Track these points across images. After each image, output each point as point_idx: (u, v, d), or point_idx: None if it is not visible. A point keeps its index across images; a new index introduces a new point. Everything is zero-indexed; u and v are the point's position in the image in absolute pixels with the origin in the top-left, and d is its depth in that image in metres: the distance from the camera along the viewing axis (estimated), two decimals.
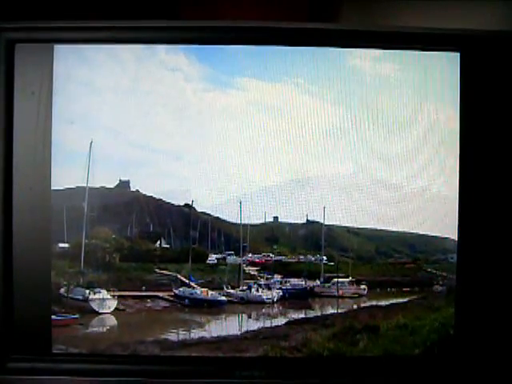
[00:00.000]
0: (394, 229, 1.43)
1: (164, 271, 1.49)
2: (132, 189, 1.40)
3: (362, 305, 1.50)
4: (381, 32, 1.33)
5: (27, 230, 1.30)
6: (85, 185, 1.38)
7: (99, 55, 1.34)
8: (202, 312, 1.49)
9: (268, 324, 1.48)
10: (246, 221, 1.47)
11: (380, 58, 1.36)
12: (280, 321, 1.49)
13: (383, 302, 1.51)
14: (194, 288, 1.50)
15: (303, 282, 1.54)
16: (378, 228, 1.43)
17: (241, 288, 1.52)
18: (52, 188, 1.31)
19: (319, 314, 1.52)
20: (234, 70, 1.36)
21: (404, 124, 1.37)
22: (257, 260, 1.54)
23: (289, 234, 1.51)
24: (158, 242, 1.48)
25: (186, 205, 1.45)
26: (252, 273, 1.54)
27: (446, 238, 1.38)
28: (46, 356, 1.31)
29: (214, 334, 1.43)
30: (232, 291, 1.51)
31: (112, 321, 1.43)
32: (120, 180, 1.39)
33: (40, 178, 1.30)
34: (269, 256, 1.54)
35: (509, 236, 1.30)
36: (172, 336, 1.43)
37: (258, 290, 1.53)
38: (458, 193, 1.32)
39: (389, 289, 1.53)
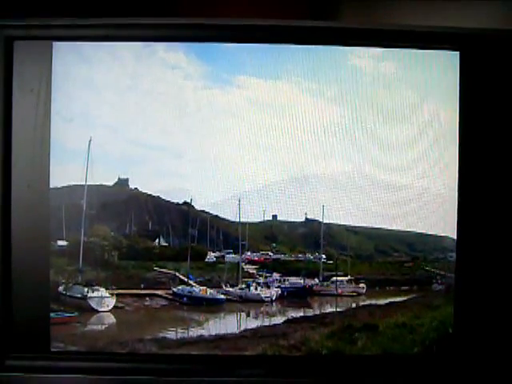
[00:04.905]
0: (393, 227, 1.43)
1: (163, 269, 1.49)
2: (131, 187, 1.40)
3: (361, 303, 1.50)
4: (380, 30, 1.33)
5: (25, 228, 1.30)
6: (83, 183, 1.38)
7: (98, 53, 1.33)
8: (201, 310, 1.49)
9: (267, 322, 1.48)
10: (244, 219, 1.47)
11: (380, 56, 1.36)
12: (279, 319, 1.49)
13: (382, 301, 1.51)
14: (192, 286, 1.50)
15: (302, 281, 1.54)
16: (377, 226, 1.43)
17: (239, 286, 1.52)
18: (50, 186, 1.31)
19: (318, 312, 1.52)
20: (233, 68, 1.36)
21: (403, 123, 1.37)
22: (255, 258, 1.54)
23: (288, 232, 1.51)
24: (157, 240, 1.48)
25: (185, 203, 1.45)
26: (251, 271, 1.54)
27: (445, 236, 1.38)
28: (45, 354, 1.31)
29: (213, 333, 1.43)
30: (231, 289, 1.51)
31: (110, 319, 1.43)
32: (119, 178, 1.39)
33: (38, 176, 1.30)
34: (267, 254, 1.54)
35: (507, 235, 1.30)
36: (170, 334, 1.43)
37: (256, 289, 1.53)
38: (457, 191, 1.32)
39: (387, 287, 1.53)
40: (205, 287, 1.50)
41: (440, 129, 1.35)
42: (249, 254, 1.53)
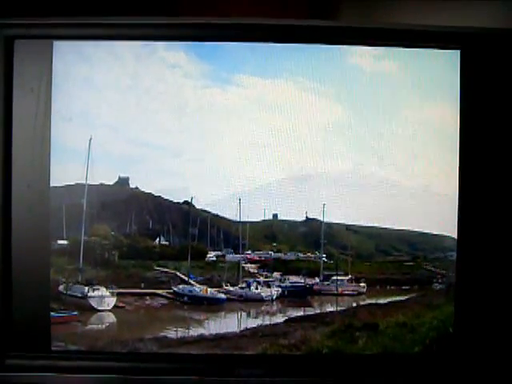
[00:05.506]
0: (394, 226, 1.43)
1: (163, 269, 1.49)
2: (131, 186, 1.40)
3: (361, 303, 1.50)
4: (381, 29, 1.33)
5: (26, 228, 1.30)
6: (84, 182, 1.38)
7: (98, 52, 1.33)
8: (201, 309, 1.49)
9: (267, 322, 1.48)
10: (245, 218, 1.47)
11: (380, 55, 1.36)
12: (279, 318, 1.49)
13: (382, 300, 1.51)
14: (193, 285, 1.50)
15: (302, 280, 1.53)
16: (378, 226, 1.43)
17: (240, 285, 1.52)
18: (51, 185, 1.31)
19: (318, 311, 1.52)
20: (233, 67, 1.36)
21: (404, 121, 1.37)
22: (256, 257, 1.54)
23: (288, 231, 1.51)
24: (157, 240, 1.48)
25: (186, 202, 1.45)
26: (251, 270, 1.54)
27: (446, 235, 1.38)
28: (45, 353, 1.31)
29: (213, 332, 1.43)
30: (231, 289, 1.51)
31: (111, 318, 1.43)
32: (119, 177, 1.39)
33: (39, 175, 1.30)
34: (268, 253, 1.54)
35: (508, 234, 1.30)
36: (171, 333, 1.43)
37: (257, 288, 1.53)
38: (458, 191, 1.32)
39: (388, 287, 1.53)
40: (205, 286, 1.50)
41: (440, 127, 1.35)
42: (249, 253, 1.53)
